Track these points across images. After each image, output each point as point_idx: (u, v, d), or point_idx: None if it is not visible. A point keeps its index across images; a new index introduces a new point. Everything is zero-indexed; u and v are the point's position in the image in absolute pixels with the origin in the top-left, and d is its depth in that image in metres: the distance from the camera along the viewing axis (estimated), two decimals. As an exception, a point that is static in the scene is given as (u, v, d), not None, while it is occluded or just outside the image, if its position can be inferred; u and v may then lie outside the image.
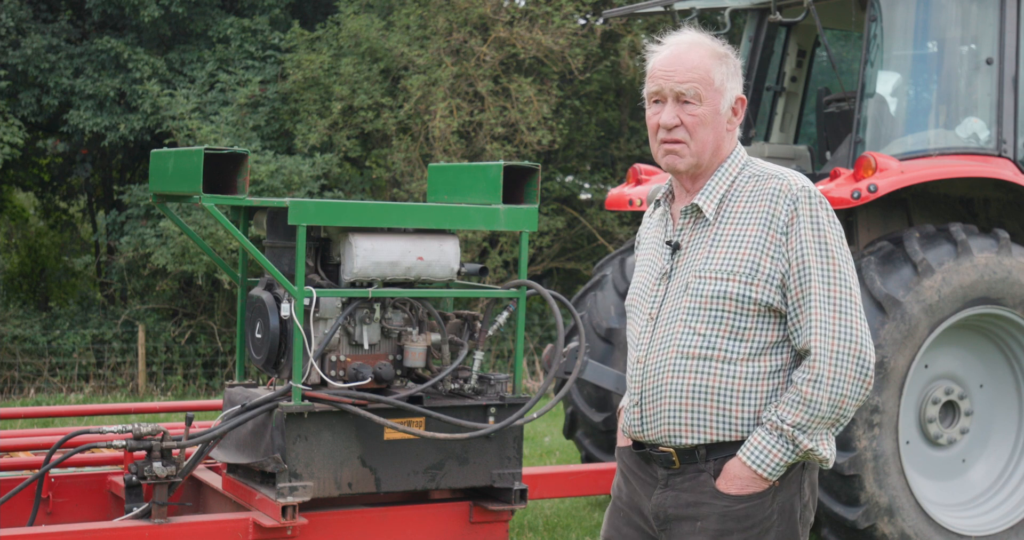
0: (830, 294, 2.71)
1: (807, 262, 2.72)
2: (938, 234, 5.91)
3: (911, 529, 5.69)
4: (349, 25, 13.10)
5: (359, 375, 4.37)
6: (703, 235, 2.83)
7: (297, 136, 12.99)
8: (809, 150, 7.24)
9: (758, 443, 2.72)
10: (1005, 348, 6.20)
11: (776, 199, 2.76)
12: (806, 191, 2.76)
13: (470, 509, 4.60)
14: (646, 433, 2.85)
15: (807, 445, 2.71)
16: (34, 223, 17.50)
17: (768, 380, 2.76)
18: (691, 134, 2.81)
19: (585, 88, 14.22)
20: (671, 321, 2.81)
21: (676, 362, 2.78)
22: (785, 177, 2.80)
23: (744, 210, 2.79)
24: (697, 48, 2.83)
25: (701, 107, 2.80)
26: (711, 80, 2.81)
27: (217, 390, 12.86)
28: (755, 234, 2.75)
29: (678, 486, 2.82)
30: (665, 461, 2.83)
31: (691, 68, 2.80)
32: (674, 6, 6.90)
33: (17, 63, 13.05)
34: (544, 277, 14.80)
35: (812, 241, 2.72)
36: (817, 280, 2.72)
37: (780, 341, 2.77)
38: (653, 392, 2.82)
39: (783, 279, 2.74)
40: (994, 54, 6.26)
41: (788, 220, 2.73)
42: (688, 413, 2.78)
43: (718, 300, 2.75)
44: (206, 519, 4.36)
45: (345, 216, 4.37)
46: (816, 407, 2.69)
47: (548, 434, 9.96)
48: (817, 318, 2.70)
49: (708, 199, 2.83)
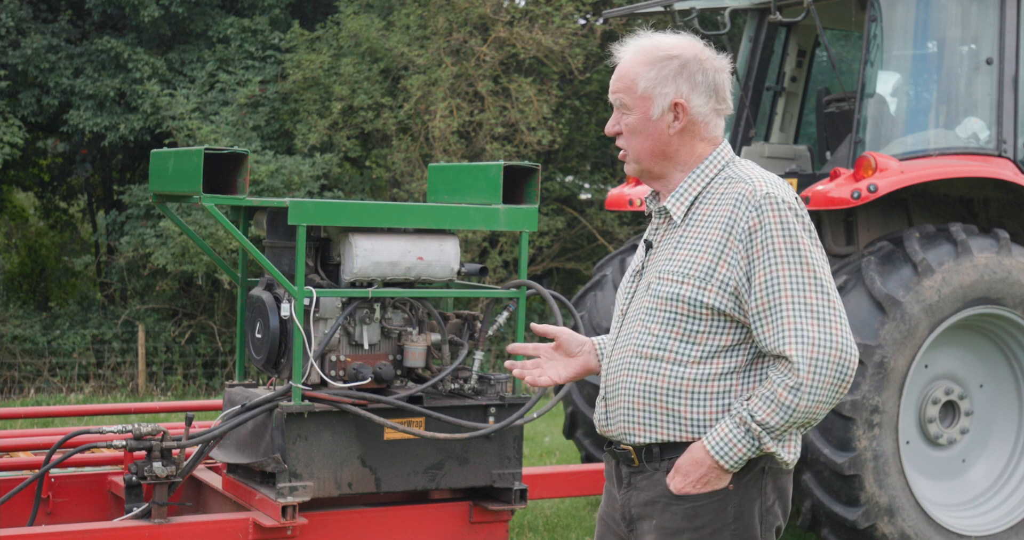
0: (807, 301, 2.64)
1: (776, 270, 2.64)
2: (938, 234, 5.91)
3: (911, 529, 5.69)
4: (349, 25, 13.10)
5: (359, 375, 4.37)
6: (671, 236, 2.82)
7: (297, 136, 12.99)
8: (809, 150, 7.24)
9: (724, 434, 2.68)
10: (1005, 348, 6.20)
11: (738, 205, 2.70)
12: (771, 198, 2.67)
13: (470, 509, 4.60)
14: (609, 428, 2.87)
15: (769, 447, 2.68)
16: (34, 223, 17.51)
17: (719, 382, 2.72)
18: (627, 141, 2.84)
19: (585, 88, 14.22)
20: (633, 320, 2.82)
21: (632, 360, 2.78)
22: (752, 182, 2.72)
23: (709, 214, 2.76)
24: (634, 55, 2.80)
25: (631, 115, 2.80)
26: (635, 88, 2.78)
27: (217, 390, 12.86)
28: (714, 239, 2.71)
29: (638, 484, 2.83)
30: (626, 459, 2.84)
31: (619, 77, 2.81)
32: (674, 6, 6.90)
33: (17, 63, 13.05)
34: (544, 277, 14.81)
35: (783, 248, 2.65)
36: (789, 287, 2.64)
37: (734, 345, 2.72)
38: (614, 389, 2.84)
39: (737, 286, 2.68)
40: (994, 54, 6.26)
41: (750, 227, 2.66)
42: (640, 412, 2.78)
43: (671, 302, 2.72)
44: (206, 519, 4.36)
45: (345, 216, 4.37)
46: (791, 413, 2.64)
47: (548, 434, 9.96)
48: (792, 326, 2.63)
49: (677, 202, 2.81)
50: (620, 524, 2.90)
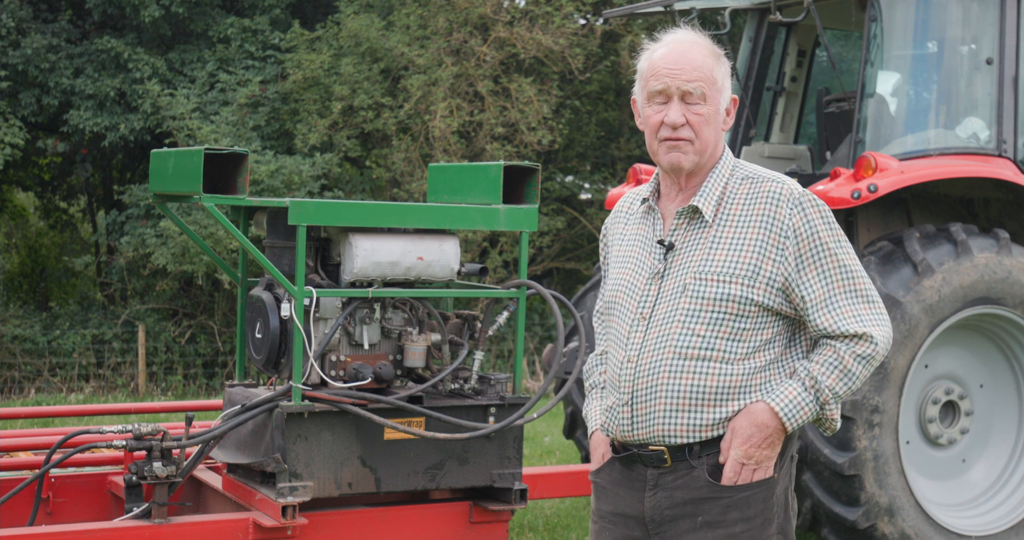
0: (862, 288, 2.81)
1: (829, 261, 2.78)
2: (938, 234, 5.91)
3: (911, 529, 5.69)
4: (349, 25, 13.10)
5: (359, 375, 4.37)
6: (700, 236, 2.83)
7: (297, 136, 13.00)
8: (809, 150, 7.24)
9: (793, 397, 2.76)
10: (1005, 348, 6.20)
11: (778, 203, 2.78)
12: (808, 196, 2.82)
13: (470, 509, 4.60)
14: (636, 433, 2.84)
15: (832, 413, 2.82)
16: (34, 223, 17.52)
17: (761, 374, 2.80)
18: (696, 133, 2.81)
19: (585, 88, 14.22)
20: (667, 322, 2.80)
21: (673, 362, 2.78)
22: (782, 182, 2.84)
23: (742, 213, 2.80)
24: (698, 47, 2.82)
25: (706, 106, 2.80)
26: (714, 79, 2.81)
27: (217, 390, 12.86)
28: (756, 237, 2.77)
29: (669, 485, 2.81)
30: (656, 460, 2.82)
31: (697, 67, 2.79)
32: (674, 6, 6.90)
33: (17, 63, 13.05)
34: (544, 277, 14.80)
35: (831, 241, 2.79)
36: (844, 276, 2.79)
37: (773, 337, 2.81)
38: (646, 392, 2.81)
39: (786, 281, 2.76)
40: (994, 54, 6.26)
41: (795, 224, 2.77)
42: (685, 413, 2.78)
43: (720, 303, 2.75)
44: (206, 519, 4.36)
45: (345, 216, 4.37)
46: (855, 381, 2.79)
47: (548, 434, 9.96)
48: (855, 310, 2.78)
49: (706, 201, 2.83)
50: (636, 527, 2.87)
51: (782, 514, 2.82)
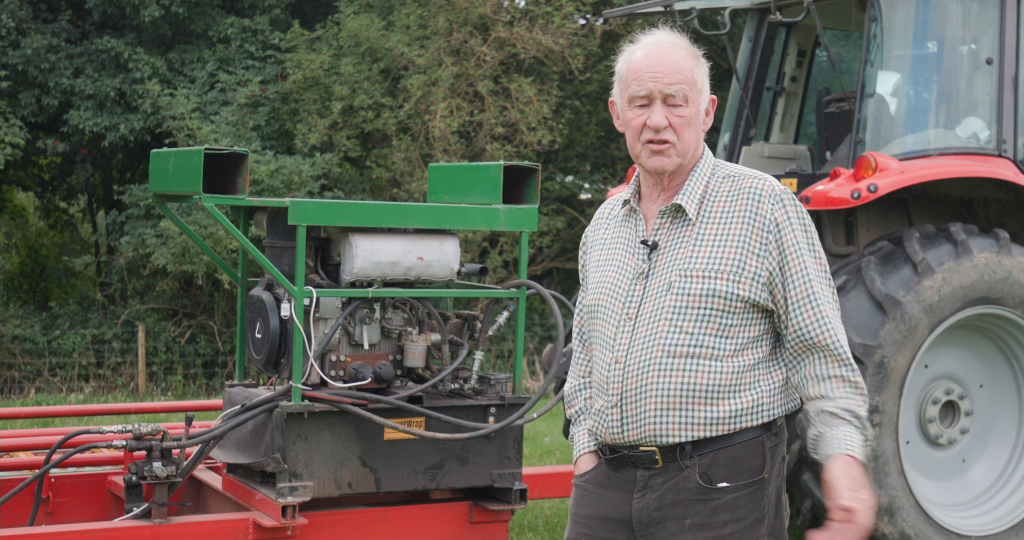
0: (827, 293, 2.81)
1: (805, 261, 2.78)
2: (938, 234, 5.91)
3: (911, 529, 5.69)
4: (349, 25, 13.10)
5: (359, 375, 4.37)
6: (683, 234, 2.82)
7: (297, 136, 12.99)
8: (809, 150, 7.24)
9: (853, 439, 2.75)
10: (1005, 348, 6.20)
11: (759, 199, 2.78)
12: (788, 193, 2.82)
13: (470, 509, 4.60)
14: (626, 434, 2.82)
15: (870, 431, 2.86)
16: (34, 223, 17.51)
17: (750, 373, 2.79)
18: (678, 135, 2.81)
19: (585, 88, 14.22)
20: (654, 320, 2.79)
21: (662, 361, 2.77)
22: (764, 178, 2.83)
23: (725, 209, 2.81)
24: (678, 48, 2.82)
25: (687, 108, 2.80)
26: (695, 81, 2.80)
27: (217, 390, 12.86)
28: (739, 233, 2.77)
29: (659, 487, 2.80)
30: (647, 461, 2.80)
31: (678, 69, 2.79)
32: (674, 6, 6.90)
33: (17, 63, 13.05)
34: (544, 277, 14.80)
35: (804, 241, 2.79)
36: (817, 279, 2.79)
37: (760, 335, 2.81)
38: (637, 392, 2.79)
39: (770, 277, 2.76)
40: (994, 54, 6.26)
41: (777, 219, 2.77)
42: (676, 411, 2.77)
43: (706, 299, 2.75)
44: (206, 519, 4.37)
45: (345, 216, 4.37)
46: (864, 394, 2.81)
47: (548, 434, 9.96)
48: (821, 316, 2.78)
49: (689, 199, 2.83)
50: (620, 530, 2.85)
51: (773, 514, 2.80)
